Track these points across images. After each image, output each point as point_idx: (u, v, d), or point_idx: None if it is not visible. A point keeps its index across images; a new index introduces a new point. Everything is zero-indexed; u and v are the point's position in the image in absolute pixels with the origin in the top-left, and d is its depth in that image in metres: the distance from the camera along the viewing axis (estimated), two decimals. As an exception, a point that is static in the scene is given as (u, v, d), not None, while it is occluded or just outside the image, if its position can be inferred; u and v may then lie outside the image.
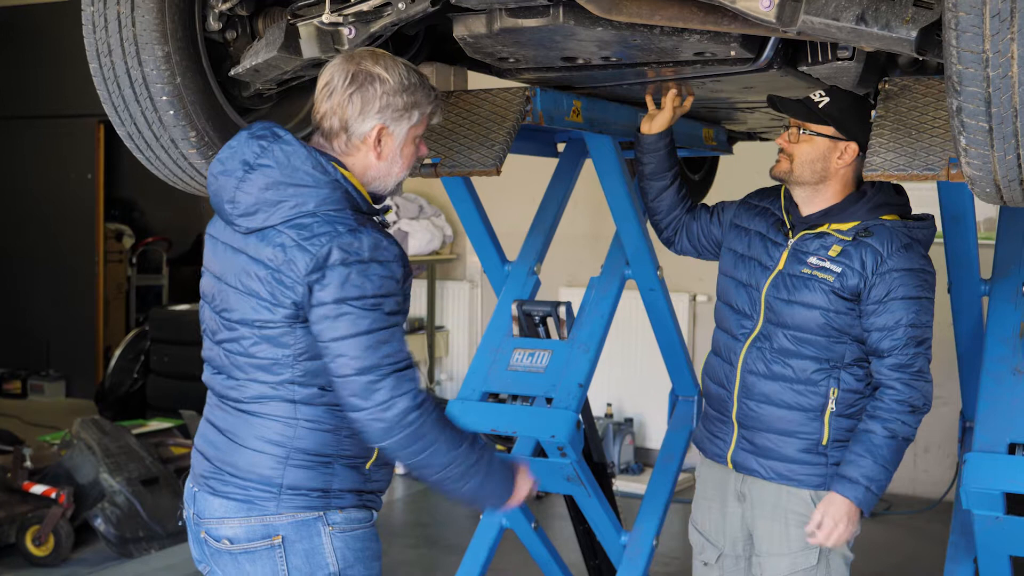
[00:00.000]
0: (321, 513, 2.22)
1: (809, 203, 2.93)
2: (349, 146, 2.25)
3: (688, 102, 3.22)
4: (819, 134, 2.85)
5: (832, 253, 2.83)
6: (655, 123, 3.21)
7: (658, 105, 3.22)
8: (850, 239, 2.83)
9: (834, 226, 2.87)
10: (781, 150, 2.91)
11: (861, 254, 2.80)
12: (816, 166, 2.87)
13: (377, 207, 2.30)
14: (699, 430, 3.15)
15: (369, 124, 2.22)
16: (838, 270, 2.81)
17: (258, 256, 2.17)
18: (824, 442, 2.85)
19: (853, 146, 2.85)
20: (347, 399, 2.14)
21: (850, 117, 2.84)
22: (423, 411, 2.15)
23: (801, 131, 2.87)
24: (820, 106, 2.85)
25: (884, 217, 2.87)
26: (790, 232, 2.94)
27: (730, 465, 2.98)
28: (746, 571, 3.05)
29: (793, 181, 2.91)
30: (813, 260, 2.85)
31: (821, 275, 2.82)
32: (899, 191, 2.96)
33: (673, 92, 3.17)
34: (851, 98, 2.89)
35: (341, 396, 2.15)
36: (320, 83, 2.26)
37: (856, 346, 2.84)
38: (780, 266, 2.91)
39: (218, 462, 2.25)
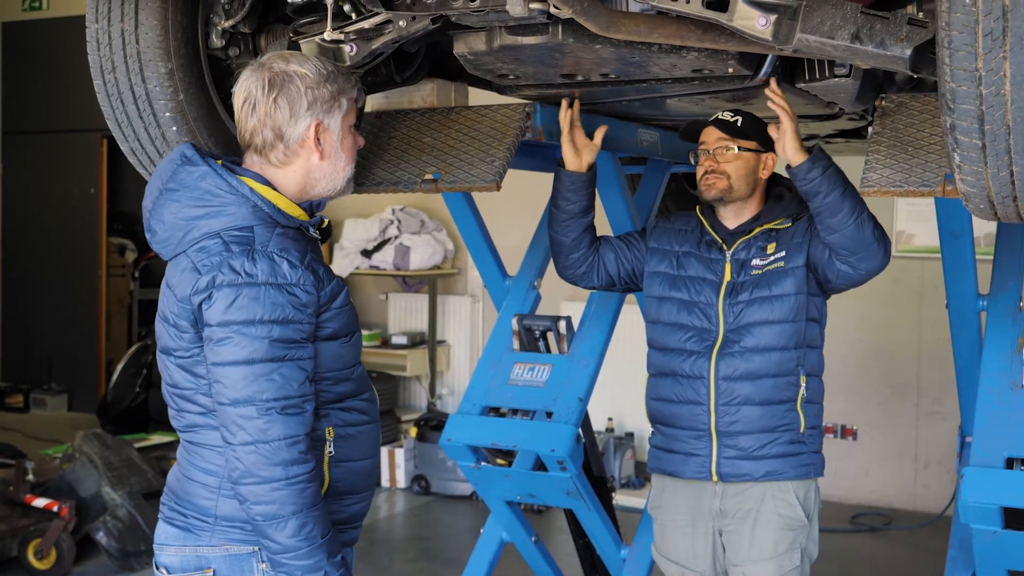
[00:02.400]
0: (256, 548, 2.09)
1: (736, 217, 3.07)
2: (288, 154, 2.14)
3: (601, 132, 3.14)
4: (749, 149, 2.99)
5: (769, 250, 3.00)
6: (585, 157, 3.07)
7: (590, 136, 3.11)
8: (776, 228, 3.02)
9: (767, 226, 3.04)
10: (710, 172, 3.00)
11: (788, 234, 3.00)
12: (750, 179, 3.02)
13: (306, 220, 2.17)
14: (665, 456, 3.11)
15: (303, 124, 2.12)
16: (783, 254, 2.98)
17: (170, 282, 2.10)
18: (802, 430, 2.98)
19: (773, 156, 3.01)
20: (220, 429, 2.03)
21: (763, 131, 2.99)
22: (289, 473, 1.99)
23: (731, 149, 2.98)
24: (739, 124, 2.98)
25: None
26: (724, 245, 3.05)
27: (715, 478, 3.00)
28: None
29: (731, 198, 3.02)
30: (756, 262, 3.00)
31: (773, 266, 2.98)
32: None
33: (603, 129, 3.14)
34: (753, 115, 3.03)
35: (219, 426, 2.04)
36: (238, 101, 2.15)
37: (811, 327, 2.99)
38: (728, 277, 3.02)
39: (170, 489, 2.21)
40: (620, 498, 6.27)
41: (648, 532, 3.78)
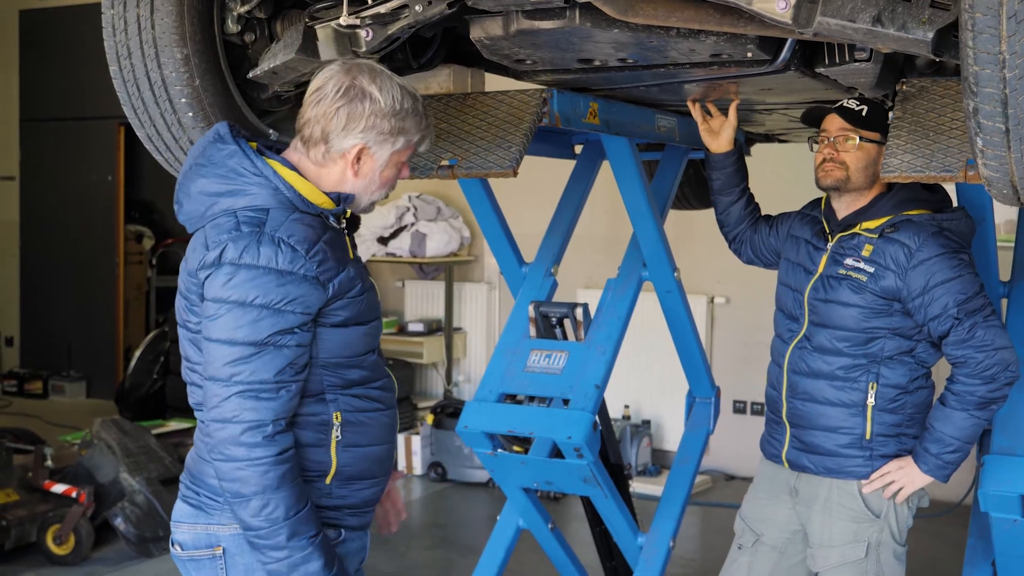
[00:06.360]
0: None
1: (849, 207, 3.03)
2: (327, 158, 2.17)
3: (734, 106, 3.30)
4: (871, 140, 2.94)
5: (865, 253, 2.93)
6: (722, 139, 3.35)
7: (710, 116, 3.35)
8: (876, 236, 2.92)
9: (864, 225, 2.97)
10: (827, 160, 2.98)
11: (891, 252, 2.89)
12: (869, 171, 2.97)
13: (328, 208, 2.17)
14: (762, 433, 3.24)
15: (350, 142, 2.14)
16: (871, 270, 2.90)
17: (187, 255, 2.14)
18: (868, 436, 2.93)
19: None
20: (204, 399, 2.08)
21: (886, 122, 2.91)
22: (252, 454, 2.00)
23: (852, 139, 2.94)
24: (864, 114, 2.94)
25: (912, 212, 2.95)
26: (829, 236, 3.04)
27: (786, 464, 3.08)
28: (776, 564, 3.10)
29: (848, 188, 2.99)
30: (849, 261, 2.95)
31: (855, 275, 2.92)
32: (930, 188, 3.03)
33: (735, 103, 3.25)
34: (880, 105, 2.98)
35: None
36: (312, 87, 2.17)
37: (895, 341, 2.90)
38: (820, 269, 3.01)
39: (187, 468, 2.24)
40: (637, 485, 6.25)
41: (664, 520, 3.78)
